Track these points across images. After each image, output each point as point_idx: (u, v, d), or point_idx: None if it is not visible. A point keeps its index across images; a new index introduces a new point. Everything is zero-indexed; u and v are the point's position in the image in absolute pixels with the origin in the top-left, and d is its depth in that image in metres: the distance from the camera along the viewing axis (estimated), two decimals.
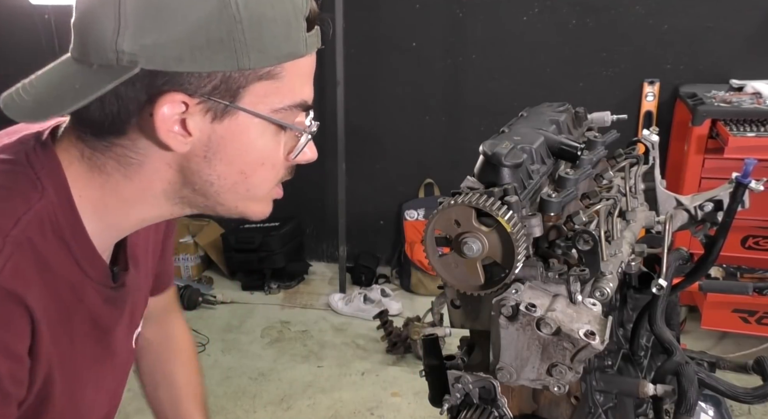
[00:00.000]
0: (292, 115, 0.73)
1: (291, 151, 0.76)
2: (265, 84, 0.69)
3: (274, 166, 0.76)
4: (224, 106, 0.69)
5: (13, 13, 3.42)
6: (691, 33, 2.87)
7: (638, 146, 0.90)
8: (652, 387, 0.70)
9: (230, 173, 0.73)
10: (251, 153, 0.73)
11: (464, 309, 0.72)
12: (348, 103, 3.12)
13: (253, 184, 0.75)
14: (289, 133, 0.75)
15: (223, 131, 0.71)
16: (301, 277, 3.51)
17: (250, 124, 0.71)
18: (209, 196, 0.75)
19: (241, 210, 0.79)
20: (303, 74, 0.72)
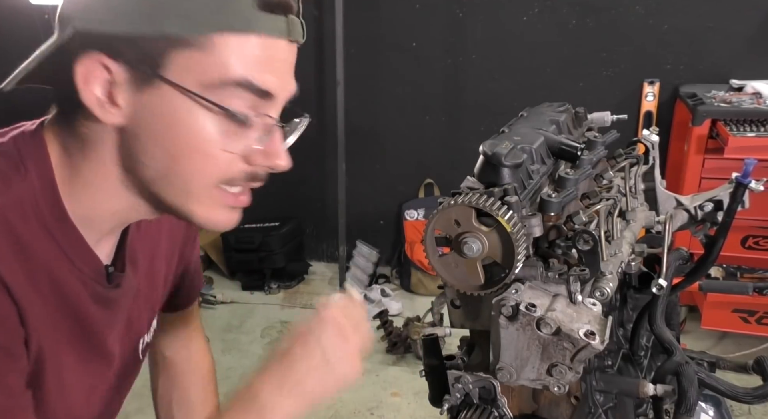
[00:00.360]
0: (232, 97, 0.67)
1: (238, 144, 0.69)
2: (188, 53, 0.65)
3: (209, 155, 0.69)
4: (146, 75, 0.66)
5: (13, 13, 3.42)
6: (691, 33, 2.87)
7: (638, 146, 0.90)
8: (652, 387, 0.70)
9: (161, 156, 0.69)
10: (178, 133, 0.68)
11: (464, 309, 0.72)
12: (348, 103, 3.11)
13: (187, 174, 0.70)
14: (239, 124, 0.68)
15: (148, 103, 0.67)
16: (301, 277, 3.51)
17: (174, 98, 0.67)
18: (151, 185, 0.71)
19: (184, 209, 0.72)
20: (244, 53, 0.66)
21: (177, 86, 0.66)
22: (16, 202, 0.68)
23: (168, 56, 0.66)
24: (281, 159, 0.72)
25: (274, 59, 0.69)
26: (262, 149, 0.71)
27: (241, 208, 0.75)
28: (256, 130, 0.70)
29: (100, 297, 0.78)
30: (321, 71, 3.28)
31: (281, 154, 0.72)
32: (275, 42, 0.69)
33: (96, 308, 0.78)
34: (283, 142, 0.73)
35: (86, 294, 0.76)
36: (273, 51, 0.69)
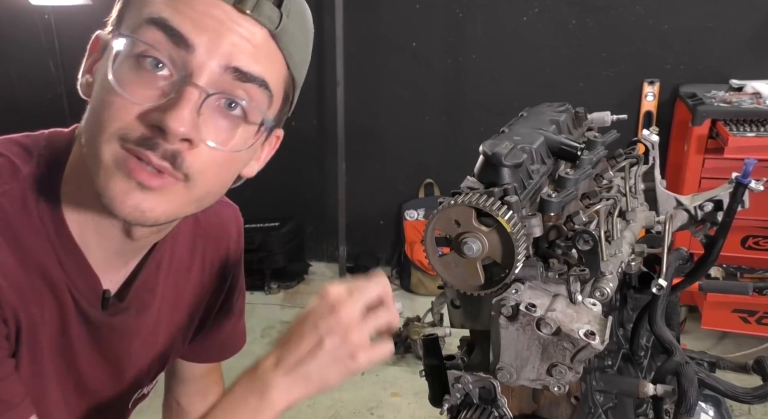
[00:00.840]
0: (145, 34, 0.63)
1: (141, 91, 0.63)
2: (136, 2, 0.66)
3: (108, 101, 0.63)
4: (111, 35, 0.67)
5: (13, 13, 3.42)
6: (691, 33, 2.87)
7: (638, 146, 0.90)
8: (652, 387, 0.70)
9: (88, 112, 0.66)
10: (98, 79, 0.65)
11: (464, 309, 0.72)
12: (348, 103, 3.12)
13: (91, 129, 0.64)
14: (137, 65, 0.63)
15: (101, 64, 0.67)
16: (301, 277, 3.51)
17: (112, 47, 0.65)
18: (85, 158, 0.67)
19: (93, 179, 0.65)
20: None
21: (109, 33, 0.67)
22: (18, 194, 0.67)
23: (124, 13, 0.67)
24: (173, 117, 0.61)
25: (207, 14, 0.63)
26: (159, 105, 0.62)
27: (153, 191, 0.64)
28: (169, 86, 0.63)
29: (89, 319, 0.74)
30: (321, 71, 3.28)
31: (176, 112, 0.61)
32: (217, 2, 0.64)
33: (82, 329, 0.74)
34: (189, 103, 0.62)
35: (75, 310, 0.73)
36: (209, 7, 0.63)
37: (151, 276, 0.81)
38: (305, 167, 3.44)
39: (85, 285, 0.72)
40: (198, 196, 0.68)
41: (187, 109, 0.62)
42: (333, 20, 3.01)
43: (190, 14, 0.63)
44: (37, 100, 3.46)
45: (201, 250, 0.89)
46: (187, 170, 0.64)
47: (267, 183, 3.46)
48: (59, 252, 0.70)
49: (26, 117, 2.71)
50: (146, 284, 0.80)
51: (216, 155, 0.66)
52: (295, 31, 0.70)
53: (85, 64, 0.71)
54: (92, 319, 0.75)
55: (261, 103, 0.68)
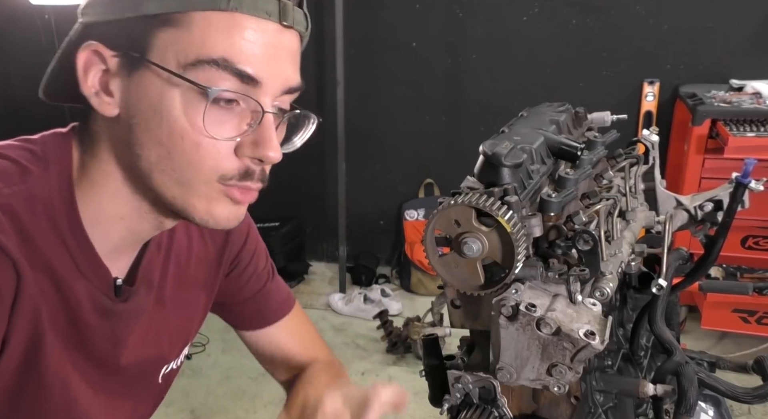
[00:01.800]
0: (208, 75, 0.65)
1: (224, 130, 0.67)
2: (170, 33, 0.64)
3: (194, 142, 0.66)
4: (133, 58, 0.66)
5: (13, 13, 3.42)
6: (691, 33, 2.87)
7: (638, 146, 0.90)
8: (652, 387, 0.70)
9: (152, 144, 0.67)
10: (163, 117, 0.66)
11: (464, 309, 0.72)
12: (348, 103, 3.12)
13: (179, 164, 0.67)
14: (212, 106, 0.66)
15: (136, 89, 0.67)
16: (301, 277, 3.51)
17: (158, 81, 0.66)
18: (149, 179, 0.69)
19: (181, 203, 0.70)
20: (225, 32, 0.64)
21: (157, 66, 0.65)
22: (28, 195, 0.68)
23: (152, 38, 0.65)
24: (270, 148, 0.68)
25: (261, 41, 0.66)
26: (251, 138, 0.68)
27: (246, 203, 0.73)
28: (243, 116, 0.68)
29: (103, 308, 0.77)
30: (321, 71, 3.28)
31: (270, 143, 0.68)
32: (263, 23, 0.66)
33: (97, 318, 0.77)
34: (274, 131, 0.69)
35: (88, 302, 0.75)
36: (260, 33, 0.66)
37: (153, 257, 0.84)
38: (305, 167, 3.43)
39: (98, 279, 0.75)
40: None
41: (275, 137, 0.69)
42: (333, 20, 3.01)
43: (248, 49, 0.65)
44: (37, 99, 3.45)
45: (196, 228, 0.91)
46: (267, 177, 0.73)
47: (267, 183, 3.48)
48: (72, 249, 0.71)
49: (26, 117, 2.71)
50: (150, 265, 0.83)
51: None
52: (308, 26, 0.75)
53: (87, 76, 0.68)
54: (107, 309, 0.77)
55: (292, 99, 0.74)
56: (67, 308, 0.73)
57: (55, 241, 0.70)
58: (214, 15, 0.64)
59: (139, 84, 0.67)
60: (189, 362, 2.77)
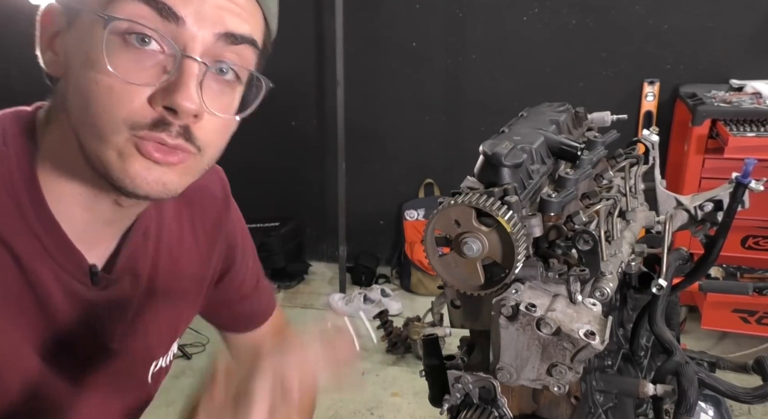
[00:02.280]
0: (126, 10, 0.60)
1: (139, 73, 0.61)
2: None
3: (108, 87, 0.61)
4: (72, 10, 0.64)
5: (13, 13, 3.42)
6: (691, 33, 2.87)
7: (638, 146, 0.90)
8: (652, 387, 0.69)
9: (76, 95, 0.63)
10: (85, 64, 0.62)
11: (464, 309, 0.72)
12: (348, 103, 3.12)
13: (94, 112, 0.62)
14: (115, 37, 0.60)
15: (72, 41, 0.64)
16: (301, 277, 3.51)
17: (85, 26, 0.62)
18: (79, 141, 0.65)
19: (99, 160, 0.64)
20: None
21: (84, 9, 0.62)
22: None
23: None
24: (182, 96, 0.61)
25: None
26: (165, 84, 0.62)
27: (168, 164, 0.65)
28: (164, 63, 0.62)
29: (76, 294, 0.72)
30: (321, 71, 3.28)
31: (184, 90, 0.61)
32: None
33: (69, 305, 0.72)
34: (193, 78, 0.62)
35: (57, 285, 0.70)
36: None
37: (139, 245, 0.80)
38: (305, 167, 3.44)
39: (69, 263, 0.71)
40: (208, 163, 0.70)
41: (193, 85, 0.62)
42: (333, 20, 3.01)
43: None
44: (37, 99, 3.46)
45: (188, 218, 0.89)
46: (197, 142, 0.66)
47: (267, 183, 3.47)
48: (36, 228, 0.67)
49: None
50: (135, 253, 0.79)
51: (219, 122, 0.67)
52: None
53: (42, 38, 0.67)
54: (83, 296, 0.73)
55: (250, 62, 0.68)
56: (33, 291, 0.69)
57: (18, 220, 0.66)
58: None
59: (73, 35, 0.64)
60: (189, 362, 2.77)
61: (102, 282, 0.75)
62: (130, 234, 0.78)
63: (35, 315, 0.70)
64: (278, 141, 3.30)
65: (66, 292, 0.71)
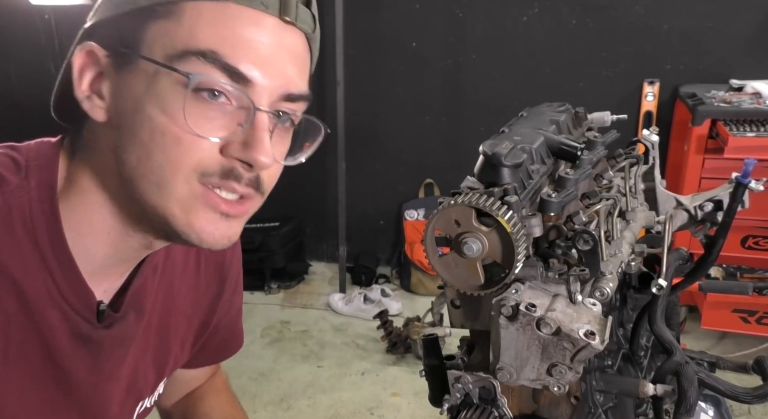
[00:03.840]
0: (195, 69, 0.59)
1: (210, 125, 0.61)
2: (160, 25, 0.60)
3: (176, 137, 0.60)
4: (124, 55, 0.61)
5: (13, 13, 3.42)
6: (691, 33, 2.87)
7: (638, 146, 0.90)
8: (652, 387, 0.69)
9: (133, 145, 0.61)
10: (146, 114, 0.61)
11: (464, 309, 0.72)
12: (348, 103, 3.12)
13: (158, 163, 0.61)
14: (196, 98, 0.60)
15: (125, 88, 0.62)
16: (301, 277, 3.51)
17: (144, 76, 0.61)
18: (131, 187, 0.63)
19: (161, 212, 0.63)
20: (217, 24, 0.60)
21: (143, 58, 0.60)
22: (2, 206, 0.63)
23: (143, 32, 0.61)
24: (260, 151, 0.62)
25: (255, 37, 0.61)
26: (241, 139, 0.62)
27: (234, 216, 0.66)
28: (233, 116, 0.62)
29: (81, 334, 0.70)
30: (321, 71, 3.28)
31: (260, 145, 0.62)
32: (259, 17, 0.61)
33: (74, 346, 0.69)
34: (267, 134, 0.63)
35: (64, 327, 0.68)
36: (255, 27, 0.61)
37: (149, 279, 0.78)
38: (305, 167, 3.38)
39: (79, 301, 0.68)
40: (261, 204, 0.71)
41: (267, 139, 0.63)
42: (333, 20, 3.01)
43: (238, 42, 0.60)
44: (37, 100, 3.46)
45: (195, 254, 0.86)
46: (262, 188, 0.67)
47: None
48: (52, 267, 0.66)
49: (26, 117, 2.71)
50: (143, 288, 0.77)
51: (279, 167, 0.69)
52: (318, 29, 0.69)
53: (82, 79, 0.65)
54: (88, 335, 0.70)
55: (302, 110, 0.70)
56: (38, 334, 0.66)
57: (32, 257, 0.64)
58: (206, 5, 0.60)
59: (128, 82, 0.62)
60: None
61: (107, 319, 0.72)
62: (141, 269, 0.76)
63: (40, 361, 0.68)
64: None
65: (72, 333, 0.69)
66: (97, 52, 0.64)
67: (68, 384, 0.71)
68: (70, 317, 0.68)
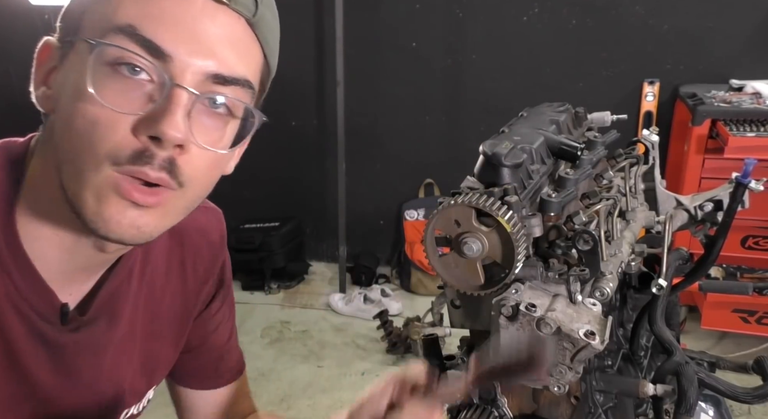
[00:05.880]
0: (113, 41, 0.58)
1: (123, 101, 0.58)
2: (95, 7, 0.60)
3: (92, 116, 0.58)
4: (67, 43, 0.61)
5: (13, 13, 3.42)
6: (691, 33, 2.87)
7: (638, 146, 0.90)
8: (652, 387, 0.70)
9: (63, 131, 0.60)
10: (69, 93, 0.59)
11: (464, 309, 0.72)
12: (348, 103, 3.11)
13: (76, 147, 0.59)
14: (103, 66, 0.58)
15: (64, 74, 0.61)
16: (301, 277, 3.51)
17: (77, 58, 0.60)
18: (60, 175, 0.61)
19: (77, 201, 0.60)
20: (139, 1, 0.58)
21: (75, 39, 0.60)
22: None
23: (82, 18, 0.61)
24: (168, 124, 0.58)
25: (179, 13, 0.59)
26: (151, 113, 0.58)
27: (149, 208, 0.61)
28: (152, 92, 0.59)
29: (43, 336, 0.68)
30: (321, 71, 3.28)
31: (170, 117, 0.58)
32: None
33: (33, 346, 0.68)
34: (180, 107, 0.59)
35: (23, 327, 0.66)
36: (182, 4, 0.59)
37: (122, 285, 0.75)
38: (305, 167, 3.43)
39: (39, 301, 0.66)
40: (190, 201, 0.66)
41: (180, 114, 0.59)
42: (333, 20, 3.01)
43: (161, 17, 0.58)
44: None
45: (178, 258, 0.84)
46: (181, 177, 0.62)
47: (267, 183, 3.46)
48: (9, 269, 0.64)
49: (26, 117, 2.71)
50: (116, 294, 0.74)
51: (206, 157, 0.63)
52: (268, 15, 0.66)
53: (37, 74, 0.65)
54: (50, 338, 0.68)
55: (244, 98, 0.65)
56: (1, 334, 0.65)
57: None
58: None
59: (66, 68, 0.62)
60: None
61: (72, 322, 0.70)
62: (113, 274, 0.74)
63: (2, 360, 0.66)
64: (278, 141, 3.31)
65: (31, 333, 0.67)
66: (51, 45, 0.64)
67: (29, 384, 0.69)
68: (29, 317, 0.66)
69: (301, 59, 3.27)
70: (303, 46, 3.26)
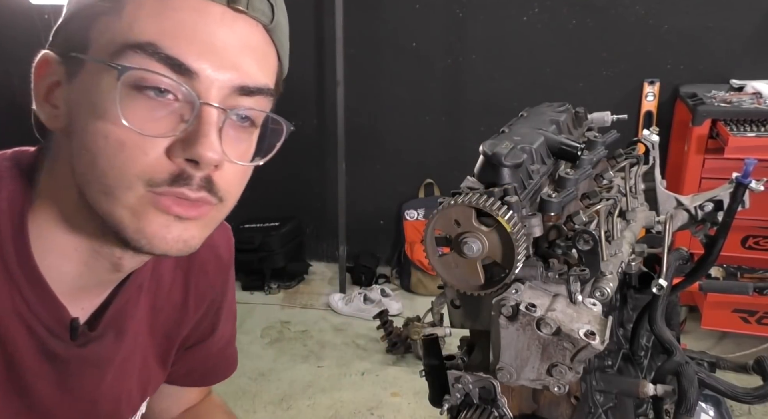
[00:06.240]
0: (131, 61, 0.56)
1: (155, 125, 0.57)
2: (103, 22, 0.58)
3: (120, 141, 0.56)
4: (73, 60, 0.59)
5: (13, 13, 3.42)
6: (691, 33, 2.87)
7: (638, 146, 0.90)
8: (652, 387, 0.69)
9: (84, 152, 0.58)
10: (89, 115, 0.57)
11: (464, 309, 0.72)
12: (348, 103, 3.12)
13: (102, 170, 0.57)
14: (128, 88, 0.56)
15: (76, 93, 0.59)
16: (301, 277, 3.51)
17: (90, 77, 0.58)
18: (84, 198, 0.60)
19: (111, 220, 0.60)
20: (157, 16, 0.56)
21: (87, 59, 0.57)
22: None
23: (90, 32, 0.59)
24: (204, 146, 0.57)
25: (199, 26, 0.57)
26: (183, 135, 0.57)
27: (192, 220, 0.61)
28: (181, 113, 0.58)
29: (50, 351, 0.67)
30: (321, 71, 3.28)
31: (205, 140, 0.57)
32: (205, 5, 0.57)
33: (38, 360, 0.67)
34: (213, 128, 0.58)
35: (29, 341, 0.65)
36: (198, 16, 0.57)
37: (131, 299, 0.75)
38: (305, 167, 3.43)
39: (48, 315, 0.66)
40: (226, 213, 0.67)
41: (214, 134, 0.58)
42: (333, 20, 3.01)
43: (181, 32, 0.57)
44: None
45: (184, 271, 0.84)
46: (219, 193, 0.62)
47: (267, 183, 3.46)
48: (19, 282, 0.63)
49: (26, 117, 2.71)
50: (124, 309, 0.74)
51: (238, 170, 0.64)
52: (282, 19, 0.65)
53: (37, 88, 0.62)
54: (57, 352, 0.68)
55: (266, 107, 0.65)
56: (2, 348, 0.64)
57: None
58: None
59: (77, 87, 0.60)
60: None
61: (81, 337, 0.69)
62: (123, 288, 0.73)
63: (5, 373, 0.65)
64: None
65: (37, 348, 0.66)
66: (51, 60, 0.62)
67: (30, 397, 0.68)
68: (36, 331, 0.65)
69: (301, 59, 3.27)
70: (303, 46, 3.26)
